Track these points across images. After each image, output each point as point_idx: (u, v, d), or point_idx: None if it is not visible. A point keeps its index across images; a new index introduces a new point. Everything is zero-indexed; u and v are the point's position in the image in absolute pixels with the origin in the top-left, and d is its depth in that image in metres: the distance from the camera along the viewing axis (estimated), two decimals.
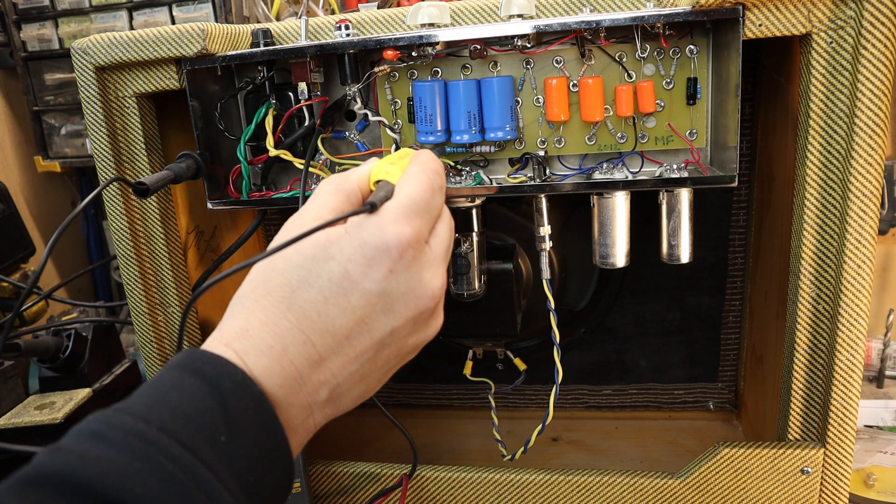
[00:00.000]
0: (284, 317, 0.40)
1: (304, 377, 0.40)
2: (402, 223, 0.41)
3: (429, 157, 0.48)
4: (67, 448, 0.33)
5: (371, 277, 0.41)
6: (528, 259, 0.80)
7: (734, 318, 0.88)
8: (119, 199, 0.68)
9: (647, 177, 0.64)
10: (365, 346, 0.41)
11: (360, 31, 0.65)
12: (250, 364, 0.38)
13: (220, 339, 0.40)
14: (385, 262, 0.41)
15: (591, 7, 0.62)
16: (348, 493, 0.70)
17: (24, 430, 0.82)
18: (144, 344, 0.72)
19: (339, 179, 0.47)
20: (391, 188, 0.44)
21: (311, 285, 0.40)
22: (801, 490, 0.64)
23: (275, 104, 0.66)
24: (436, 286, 0.43)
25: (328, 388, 0.41)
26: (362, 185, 0.47)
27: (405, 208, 0.42)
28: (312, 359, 0.40)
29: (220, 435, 0.35)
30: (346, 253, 0.41)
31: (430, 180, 0.45)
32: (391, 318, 0.42)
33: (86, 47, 0.63)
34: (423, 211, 0.43)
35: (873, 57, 0.53)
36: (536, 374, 0.85)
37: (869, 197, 0.56)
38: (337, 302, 0.40)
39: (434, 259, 0.44)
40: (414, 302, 0.42)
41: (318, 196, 0.46)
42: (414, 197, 0.43)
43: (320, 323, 0.40)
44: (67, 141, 1.18)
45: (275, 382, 0.39)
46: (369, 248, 0.41)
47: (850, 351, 0.60)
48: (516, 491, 0.67)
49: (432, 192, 0.45)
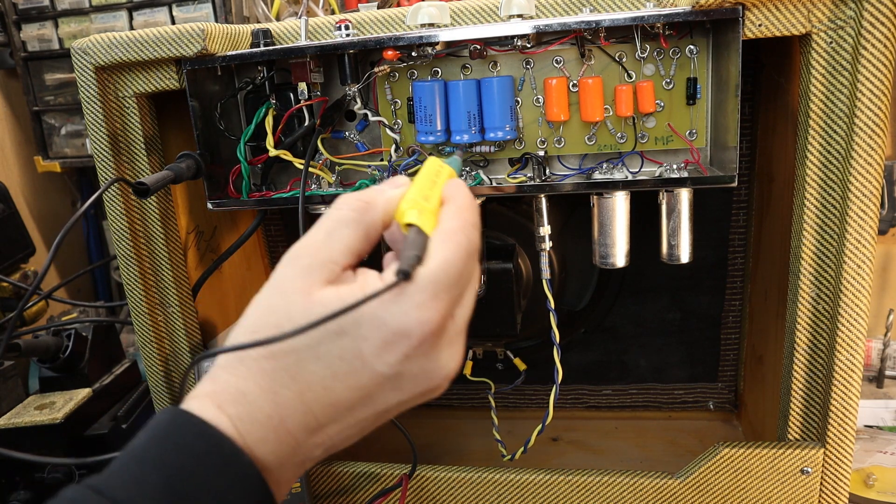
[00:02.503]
0: (287, 386, 0.37)
1: (300, 443, 0.38)
2: (429, 306, 0.36)
3: (467, 201, 0.41)
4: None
5: (385, 361, 0.37)
6: (528, 259, 0.80)
7: (734, 318, 0.88)
8: (119, 199, 0.68)
9: (646, 177, 0.64)
10: (366, 415, 0.39)
11: (360, 31, 0.65)
12: (244, 432, 0.36)
13: (214, 399, 0.37)
14: (402, 347, 0.37)
15: (591, 7, 0.62)
16: (348, 493, 0.70)
17: (24, 430, 0.82)
18: (144, 344, 0.72)
19: (361, 206, 0.40)
20: (424, 243, 0.38)
21: (319, 358, 0.37)
22: (801, 490, 0.64)
23: (275, 104, 0.66)
24: (452, 368, 0.40)
25: (323, 448, 0.39)
26: (387, 218, 0.41)
27: (436, 284, 0.36)
28: (311, 427, 0.38)
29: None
30: (361, 330, 0.36)
31: (468, 242, 0.39)
32: (398, 394, 0.39)
33: (86, 47, 0.63)
34: (455, 284, 0.37)
35: (873, 57, 0.53)
36: (536, 374, 0.85)
37: (869, 197, 0.56)
38: (345, 380, 0.37)
39: (456, 334, 0.39)
40: (426, 382, 0.39)
41: (333, 223, 0.40)
42: (448, 269, 0.37)
43: (325, 397, 0.37)
44: (67, 141, 1.18)
45: (269, 450, 0.37)
46: (387, 331, 0.36)
47: (850, 351, 0.60)
48: (516, 491, 0.67)
49: (468, 257, 0.38)
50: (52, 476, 0.84)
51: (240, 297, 0.88)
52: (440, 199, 0.41)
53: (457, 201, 0.41)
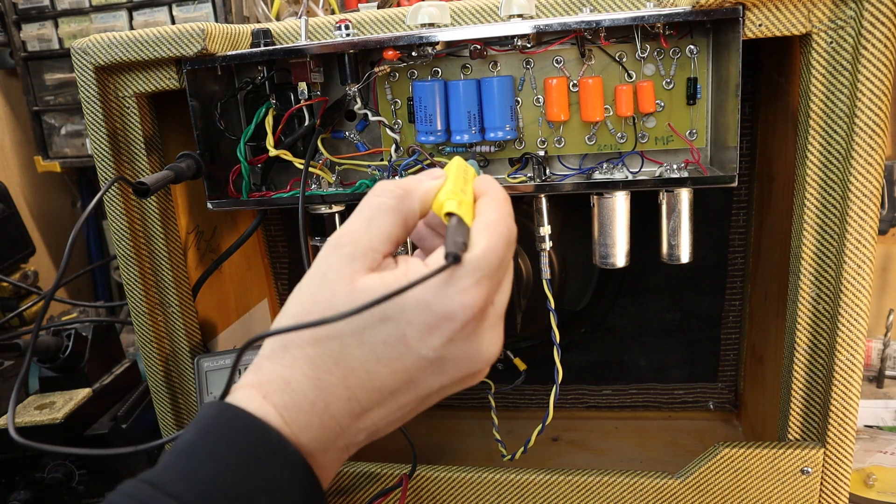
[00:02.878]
0: (331, 371, 0.38)
1: (345, 427, 0.39)
2: (473, 291, 0.37)
3: (503, 196, 0.42)
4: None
5: (429, 345, 0.37)
6: (528, 259, 0.80)
7: (734, 318, 0.88)
8: (119, 199, 0.68)
9: (647, 177, 0.64)
10: (409, 400, 0.40)
11: (360, 31, 0.65)
12: (289, 420, 0.37)
13: (259, 389, 0.38)
14: (446, 331, 0.37)
15: (591, 7, 0.62)
16: (348, 493, 0.70)
17: (24, 430, 0.82)
18: (144, 344, 0.72)
19: (401, 193, 0.41)
20: (467, 231, 0.39)
21: (363, 343, 0.38)
22: (801, 490, 0.64)
23: (275, 104, 0.66)
24: (493, 352, 0.40)
25: (367, 433, 0.40)
26: (424, 207, 0.42)
27: (480, 271, 0.37)
28: (355, 412, 0.39)
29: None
30: (407, 315, 0.37)
31: (508, 231, 0.40)
32: (441, 378, 0.40)
33: (86, 47, 0.63)
34: (496, 271, 0.39)
35: (873, 57, 0.53)
36: (536, 374, 0.84)
37: (869, 197, 0.56)
38: (389, 363, 0.38)
39: (496, 319, 0.40)
40: (468, 366, 0.40)
41: (374, 211, 0.40)
42: (490, 256, 0.38)
43: (368, 381, 0.38)
44: (67, 141, 1.18)
45: (313, 437, 0.38)
46: (432, 315, 0.37)
47: (850, 351, 0.60)
48: (516, 491, 0.67)
49: (508, 246, 0.40)
50: (52, 476, 0.84)
51: (240, 297, 0.88)
52: (473, 192, 0.42)
53: (492, 194, 0.42)
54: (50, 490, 0.85)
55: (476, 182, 0.43)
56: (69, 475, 0.85)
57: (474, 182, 0.43)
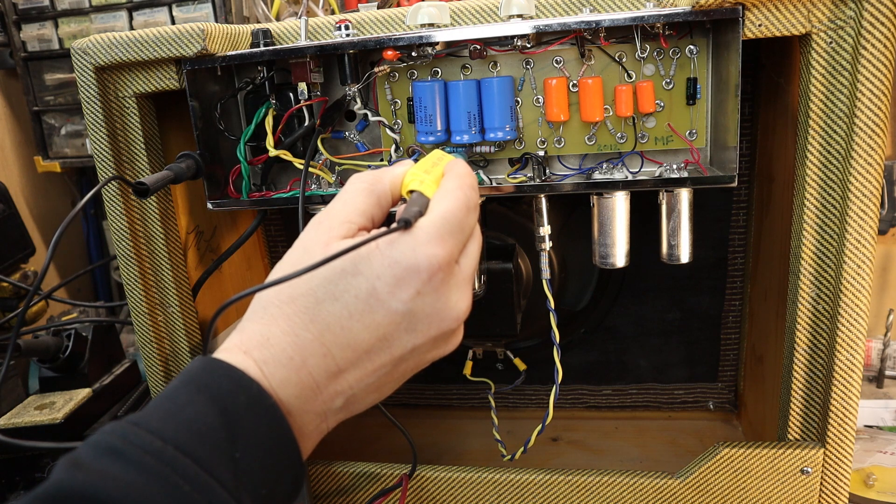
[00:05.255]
0: (307, 328, 0.40)
1: (321, 387, 0.40)
2: (436, 244, 0.40)
3: (465, 170, 0.46)
4: (86, 465, 0.33)
5: (398, 297, 0.40)
6: (528, 259, 0.80)
7: (734, 318, 0.88)
8: (119, 199, 0.68)
9: (646, 177, 0.64)
10: (384, 361, 0.42)
11: (360, 31, 0.65)
12: (268, 374, 0.39)
13: (241, 346, 0.40)
14: (414, 283, 0.40)
15: (591, 7, 0.62)
16: (348, 493, 0.70)
17: (24, 430, 0.82)
18: (144, 344, 0.72)
19: (372, 178, 0.45)
20: (426, 202, 0.43)
21: (336, 299, 0.40)
22: (801, 490, 0.64)
23: (275, 104, 0.66)
24: (461, 309, 0.43)
25: (344, 398, 0.41)
26: (394, 188, 0.46)
27: (439, 228, 0.41)
28: (331, 371, 0.40)
29: (235, 451, 0.36)
30: (375, 270, 0.40)
31: (466, 197, 0.43)
32: (413, 336, 0.41)
33: (86, 47, 0.63)
34: (457, 231, 0.42)
35: (873, 57, 0.53)
36: (536, 374, 0.85)
37: (869, 197, 0.56)
38: (361, 318, 0.40)
39: (463, 280, 0.43)
40: (438, 323, 0.42)
41: (349, 194, 0.45)
42: (448, 217, 0.42)
43: (343, 337, 0.40)
44: (67, 141, 1.18)
45: (291, 393, 0.39)
46: (399, 268, 0.40)
47: (850, 351, 0.60)
48: (516, 491, 0.67)
49: (467, 210, 0.43)
50: None
51: None
52: (441, 173, 0.46)
53: (455, 170, 0.46)
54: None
55: (446, 164, 0.47)
56: None
57: (445, 164, 0.47)
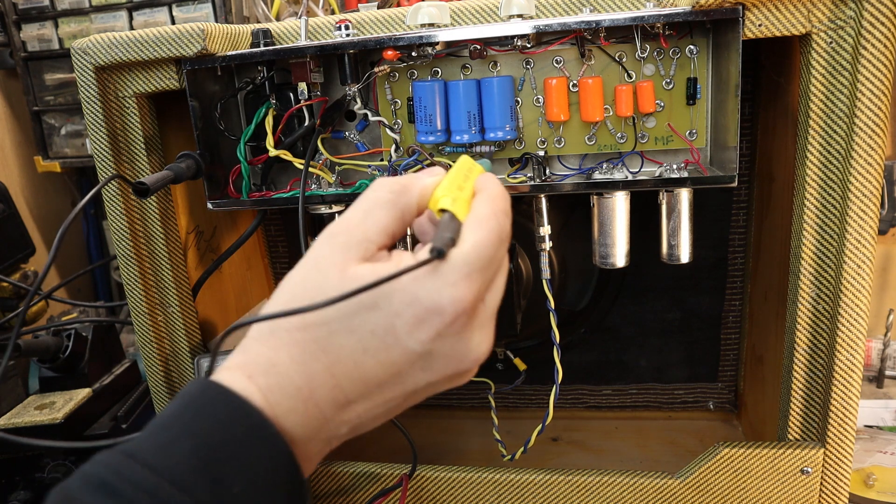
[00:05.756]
0: (317, 358, 0.37)
1: (328, 418, 0.38)
2: (462, 286, 0.37)
3: (498, 191, 0.42)
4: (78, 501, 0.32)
5: (417, 338, 0.37)
6: (528, 259, 0.80)
7: (734, 318, 0.88)
8: (119, 199, 0.68)
9: (646, 177, 0.64)
10: (395, 395, 0.39)
11: (360, 31, 0.65)
12: (273, 403, 0.37)
13: (244, 369, 0.37)
14: (435, 325, 0.37)
15: (591, 7, 0.62)
16: (348, 493, 0.70)
17: (24, 430, 0.82)
18: (144, 344, 0.72)
19: (399, 188, 0.41)
20: (458, 227, 0.39)
21: (351, 332, 0.37)
22: (801, 490, 0.64)
23: (275, 104, 0.66)
24: (482, 351, 0.40)
25: (350, 426, 0.39)
26: (422, 202, 0.42)
27: (469, 266, 0.37)
28: (339, 402, 0.38)
29: (234, 486, 0.34)
30: (395, 307, 0.37)
31: (500, 228, 0.39)
32: (428, 374, 0.39)
33: (86, 47, 0.63)
34: (486, 267, 0.38)
35: (873, 57, 0.53)
36: (536, 374, 0.84)
37: (869, 197, 0.56)
38: (376, 354, 0.37)
39: (487, 319, 0.40)
40: (456, 364, 0.39)
41: (370, 204, 0.40)
42: (480, 251, 0.38)
43: (355, 371, 0.38)
44: (67, 141, 1.18)
45: (296, 422, 0.37)
46: (420, 308, 0.36)
47: (850, 351, 0.60)
48: (516, 491, 0.67)
49: (499, 242, 0.39)
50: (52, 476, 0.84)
51: (240, 297, 0.88)
52: (473, 190, 0.42)
53: (489, 191, 0.42)
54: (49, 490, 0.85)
55: (477, 180, 0.43)
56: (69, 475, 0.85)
57: (476, 179, 0.43)
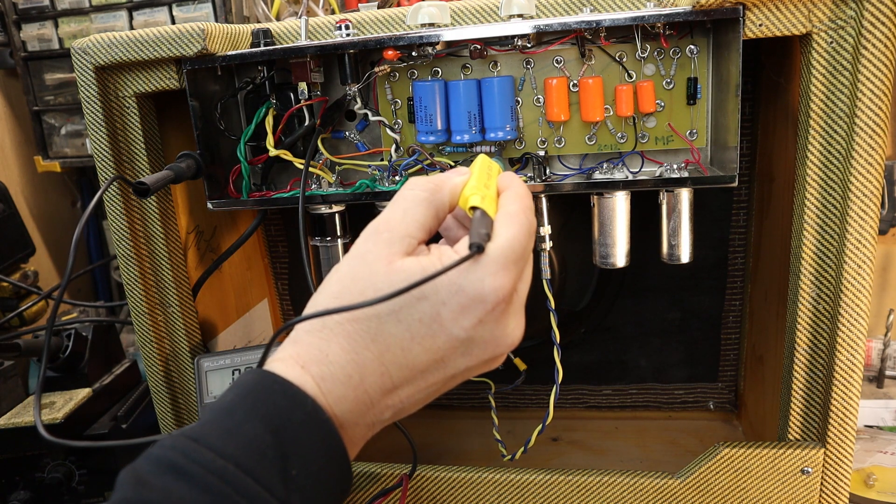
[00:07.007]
0: (367, 347, 0.40)
1: (375, 403, 0.41)
2: (502, 275, 0.40)
3: (523, 189, 0.46)
4: (150, 483, 0.34)
5: (461, 325, 0.40)
6: None
7: (734, 318, 0.88)
8: (119, 199, 0.68)
9: (647, 177, 0.64)
10: (436, 380, 0.42)
11: (360, 31, 0.65)
12: (326, 391, 0.39)
13: (297, 359, 0.40)
14: (478, 312, 0.40)
15: (591, 7, 0.62)
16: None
17: (24, 430, 0.82)
18: (144, 344, 0.72)
19: (432, 187, 0.44)
20: (490, 223, 0.42)
21: (400, 321, 0.40)
22: (801, 490, 0.64)
23: (275, 104, 0.66)
24: (517, 336, 0.43)
25: (393, 410, 0.42)
26: (453, 200, 0.45)
27: (506, 258, 0.40)
28: (386, 388, 0.41)
29: (292, 468, 0.36)
30: (441, 296, 0.40)
31: (529, 223, 0.43)
32: (467, 359, 0.42)
33: (86, 47, 0.63)
34: (520, 258, 0.42)
35: (873, 57, 0.53)
36: (536, 374, 0.84)
37: (869, 197, 0.56)
38: (422, 342, 0.40)
39: (520, 306, 0.44)
40: (493, 349, 0.42)
41: (408, 202, 0.44)
42: (515, 244, 0.41)
43: (402, 358, 0.40)
44: (67, 141, 1.18)
45: (346, 408, 0.40)
46: (465, 297, 0.40)
47: (850, 351, 0.60)
48: (516, 491, 0.67)
49: (529, 237, 0.43)
50: (52, 476, 0.84)
51: (240, 297, 0.88)
52: (497, 188, 0.46)
53: (514, 188, 0.45)
54: (50, 490, 0.85)
55: (500, 178, 0.47)
56: (69, 475, 0.85)
57: (498, 178, 0.47)
